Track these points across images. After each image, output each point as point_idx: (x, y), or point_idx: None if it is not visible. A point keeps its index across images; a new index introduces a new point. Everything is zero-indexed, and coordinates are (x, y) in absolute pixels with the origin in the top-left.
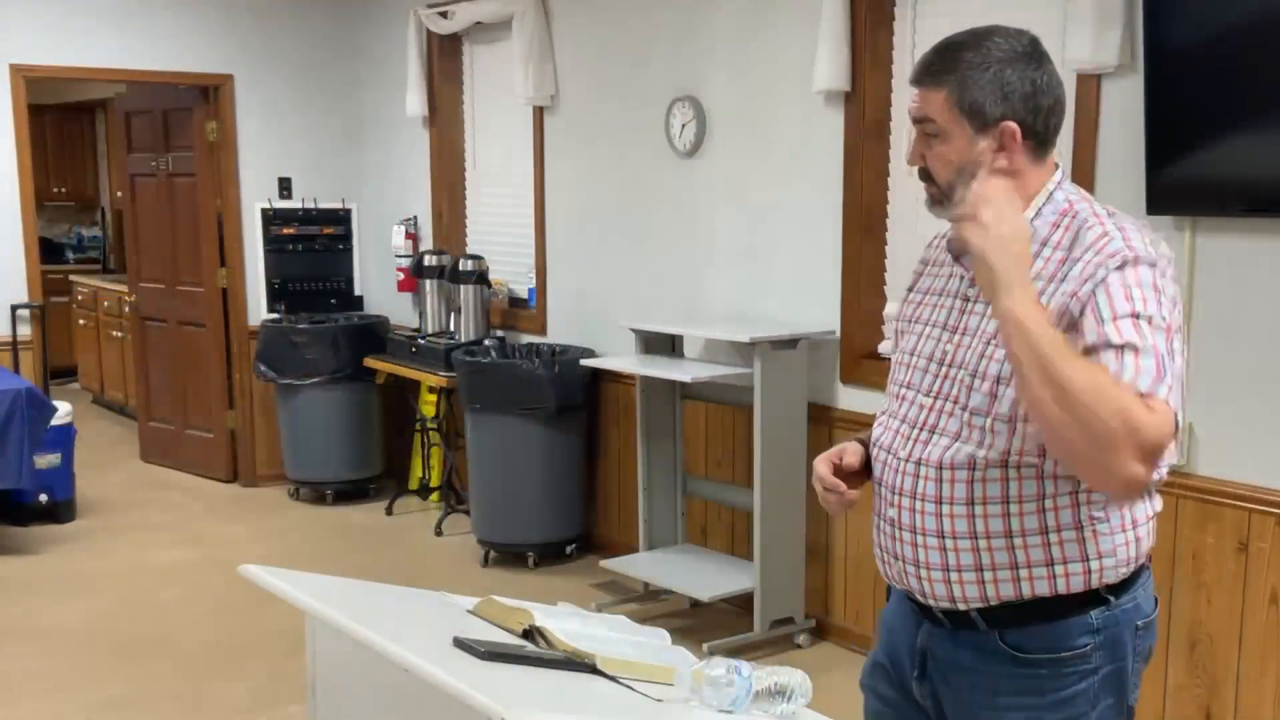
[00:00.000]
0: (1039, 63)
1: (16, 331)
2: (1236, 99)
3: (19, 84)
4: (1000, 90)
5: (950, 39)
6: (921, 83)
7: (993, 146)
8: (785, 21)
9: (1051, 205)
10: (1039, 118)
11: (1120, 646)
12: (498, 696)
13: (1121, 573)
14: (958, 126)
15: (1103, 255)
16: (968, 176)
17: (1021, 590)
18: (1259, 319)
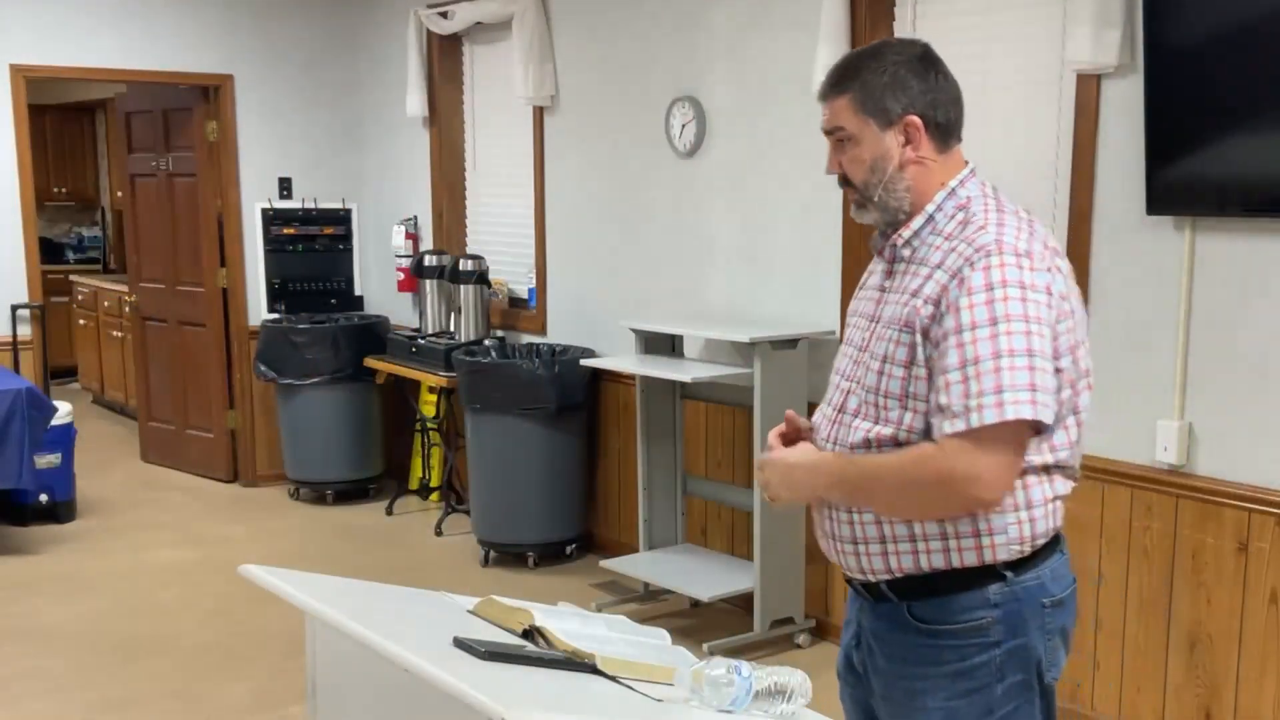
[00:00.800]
0: (933, 65)
1: (17, 331)
2: (1236, 99)
3: (19, 84)
4: (899, 88)
5: (849, 54)
6: (827, 96)
7: (900, 140)
8: (785, 21)
9: (953, 200)
10: (939, 110)
11: (1023, 623)
12: (498, 696)
13: (1015, 550)
14: (865, 127)
15: (973, 247)
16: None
17: (920, 563)
18: (1259, 319)
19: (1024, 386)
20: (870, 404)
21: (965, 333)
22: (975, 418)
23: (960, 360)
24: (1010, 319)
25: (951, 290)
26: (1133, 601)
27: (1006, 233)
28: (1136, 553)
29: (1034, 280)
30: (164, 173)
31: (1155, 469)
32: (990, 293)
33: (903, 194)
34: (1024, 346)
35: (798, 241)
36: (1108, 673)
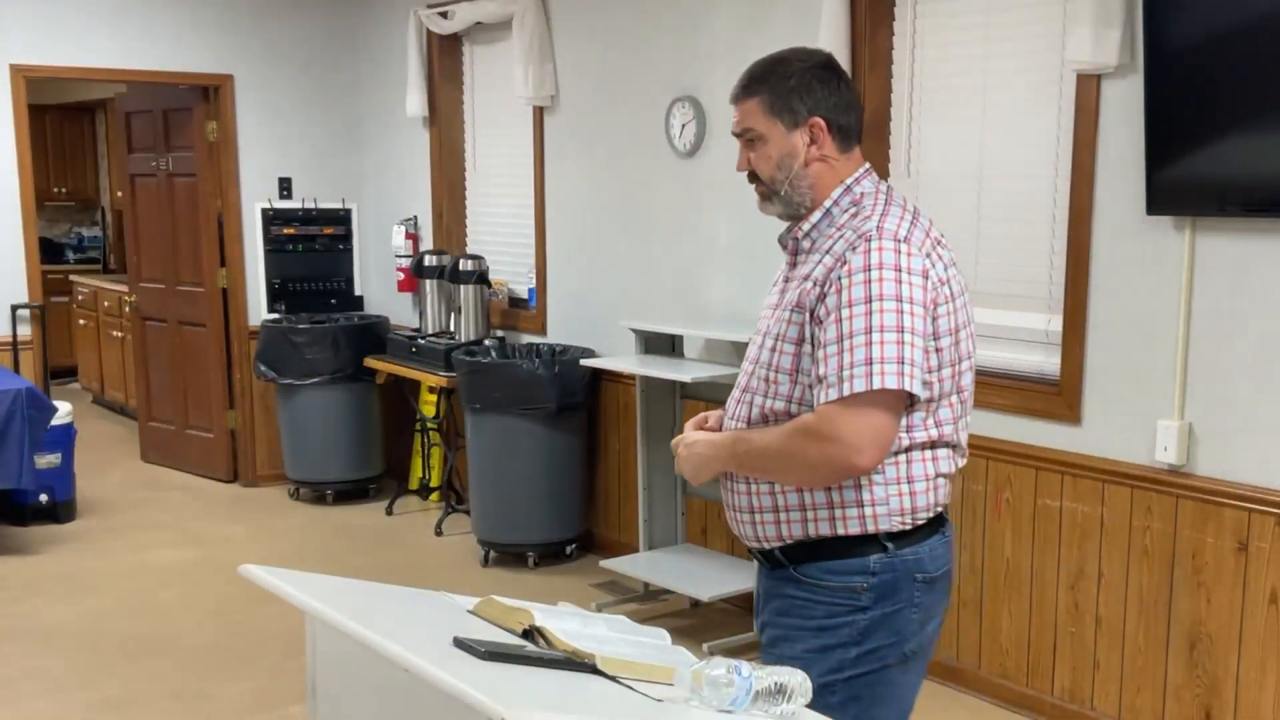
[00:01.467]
0: (835, 74)
1: (17, 331)
2: (1236, 99)
3: (19, 84)
4: (805, 92)
5: (759, 60)
6: (738, 99)
7: (805, 140)
8: (785, 22)
9: (848, 195)
10: (841, 114)
11: (896, 594)
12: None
13: (896, 522)
14: (773, 128)
15: (857, 234)
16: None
17: (808, 530)
18: (1259, 319)
19: (893, 359)
20: (763, 379)
21: (844, 309)
22: (846, 386)
23: (837, 335)
24: (884, 298)
25: (835, 271)
26: (1133, 601)
27: (888, 221)
28: (1136, 553)
29: (910, 264)
30: (164, 173)
31: (1155, 469)
32: (868, 274)
33: (805, 190)
34: (895, 323)
35: None
36: (1108, 673)
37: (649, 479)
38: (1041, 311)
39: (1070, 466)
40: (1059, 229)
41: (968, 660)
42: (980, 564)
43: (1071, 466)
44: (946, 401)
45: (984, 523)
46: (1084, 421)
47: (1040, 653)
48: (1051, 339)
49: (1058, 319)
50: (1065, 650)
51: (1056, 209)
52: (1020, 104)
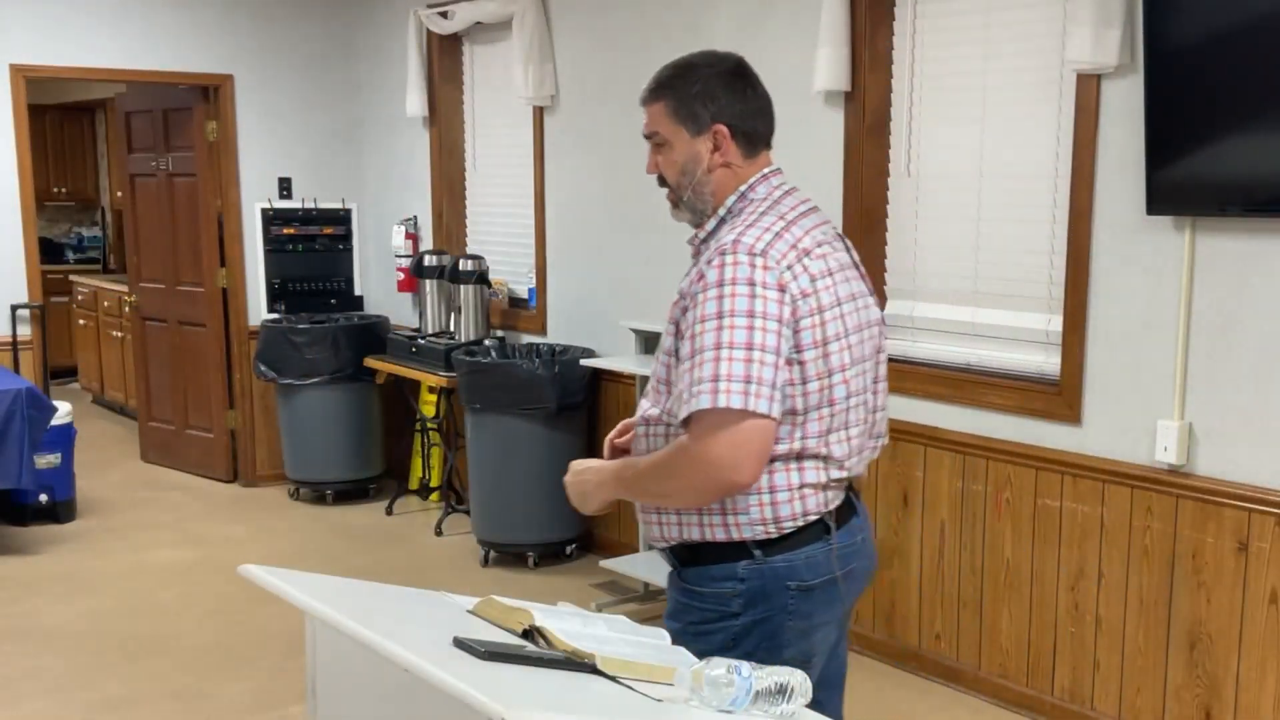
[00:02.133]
0: (743, 79)
1: (16, 331)
2: (1236, 99)
3: (19, 84)
4: (709, 98)
5: (668, 63)
6: (646, 101)
7: (709, 146)
8: (785, 22)
9: (741, 202)
10: (746, 120)
11: (768, 600)
12: (498, 696)
13: (760, 531)
14: (677, 133)
15: (713, 250)
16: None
17: (684, 534)
18: (1259, 319)
19: (740, 378)
20: (653, 389)
21: (697, 325)
22: (694, 403)
23: (691, 350)
24: (735, 313)
25: (694, 286)
26: (1133, 601)
27: (748, 234)
28: (1136, 553)
29: (764, 278)
30: (164, 173)
31: (1155, 469)
32: (720, 289)
33: (708, 197)
34: (744, 340)
35: None
36: (1108, 673)
37: None
38: (1041, 311)
39: (1070, 466)
40: (1059, 229)
41: (968, 660)
42: (980, 564)
43: (1071, 466)
44: (815, 414)
45: (984, 523)
46: (1084, 421)
47: (1040, 653)
48: (1051, 339)
49: (1058, 319)
50: (1065, 650)
51: (1056, 209)
52: (1020, 104)
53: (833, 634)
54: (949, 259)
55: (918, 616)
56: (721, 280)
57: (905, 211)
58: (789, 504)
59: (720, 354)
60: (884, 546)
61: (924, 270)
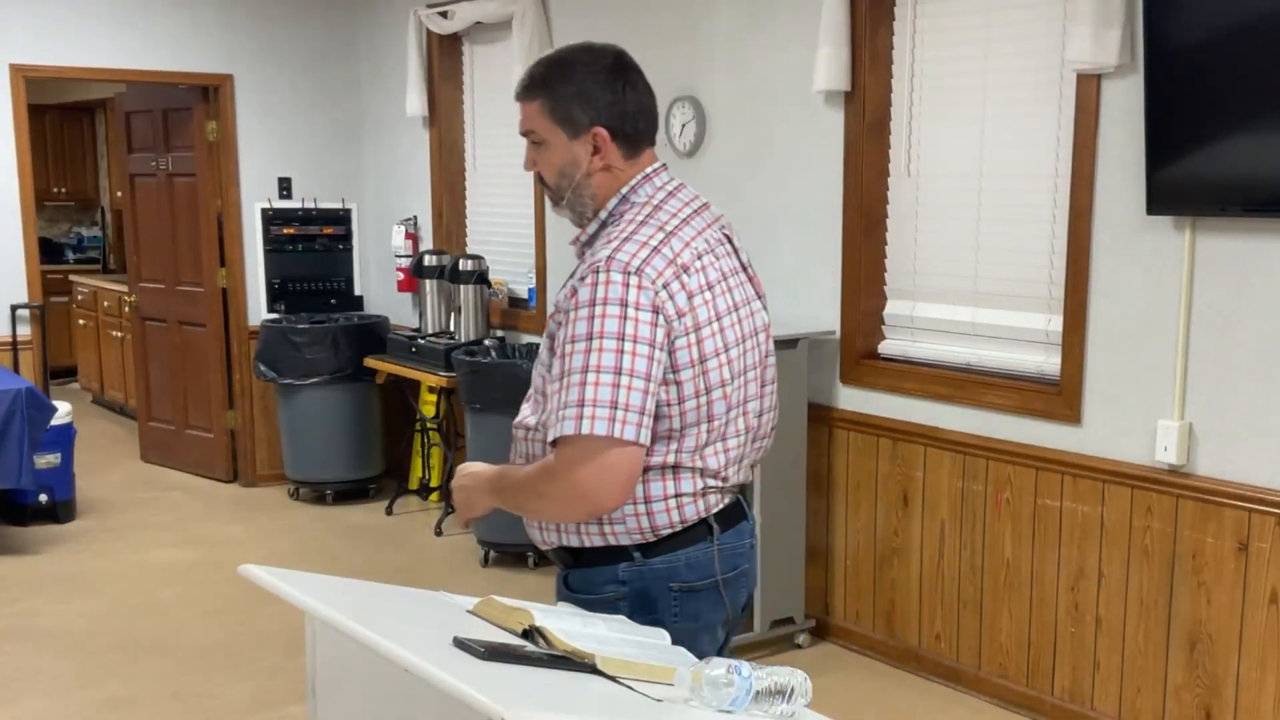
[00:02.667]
0: (622, 76)
1: (16, 331)
2: (1236, 99)
3: (19, 84)
4: (586, 100)
5: (543, 58)
6: (520, 98)
7: (588, 149)
8: (785, 22)
9: (623, 205)
10: (626, 121)
11: (651, 602)
12: (498, 696)
13: (637, 538)
14: (555, 134)
15: (587, 265)
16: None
17: (563, 540)
18: (1259, 319)
19: (606, 403)
20: (532, 398)
21: (568, 345)
22: (559, 428)
23: (561, 370)
24: (605, 336)
25: (567, 301)
26: (1133, 601)
27: (625, 248)
28: (1136, 553)
29: (638, 298)
30: (164, 173)
31: (1155, 469)
32: (592, 309)
33: (589, 200)
34: (613, 364)
35: (798, 241)
36: (1108, 673)
37: None
38: (1041, 311)
39: (1070, 466)
40: (1059, 229)
41: (968, 660)
42: (980, 564)
43: (1071, 466)
44: (693, 431)
45: (984, 523)
46: (1084, 421)
47: (1040, 653)
48: (1051, 339)
49: (1058, 319)
50: (1065, 650)
51: (1056, 209)
52: (1020, 104)
53: (720, 636)
54: (949, 259)
55: (918, 616)
56: (594, 299)
57: (905, 211)
58: (665, 514)
59: (588, 378)
60: (884, 546)
61: (924, 270)
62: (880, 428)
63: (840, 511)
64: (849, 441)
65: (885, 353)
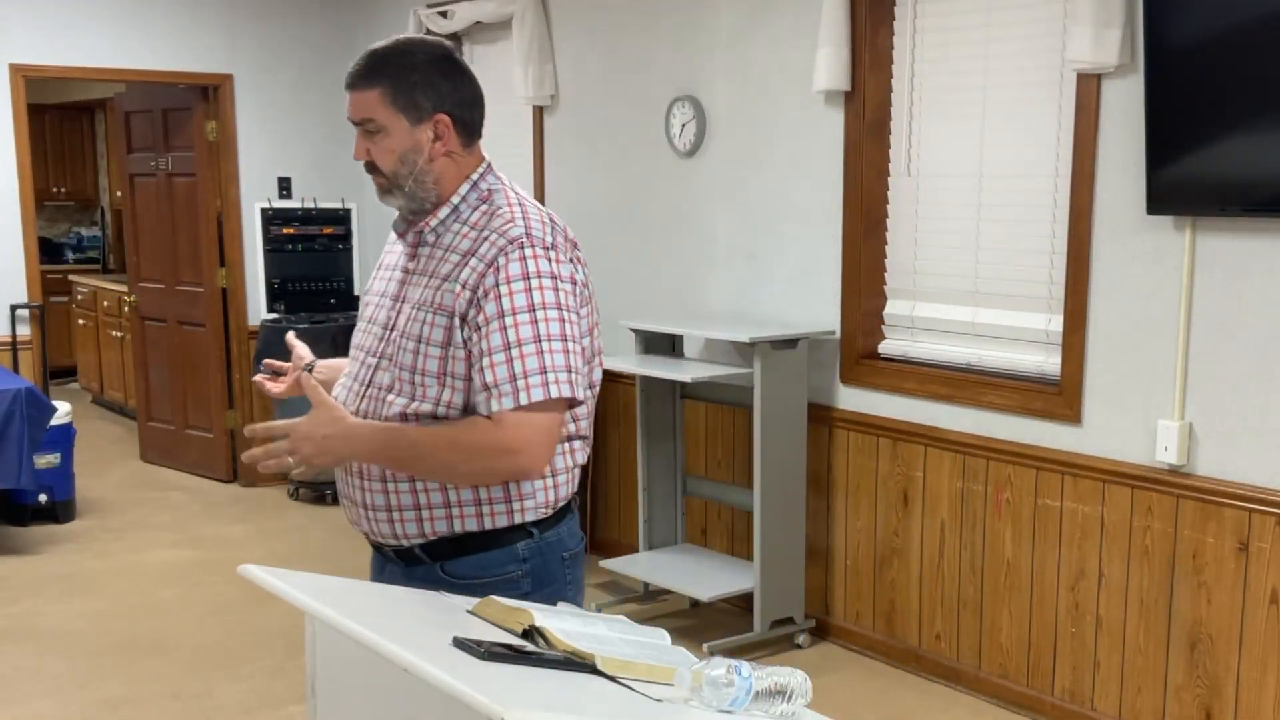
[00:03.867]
0: (457, 66)
1: (16, 331)
2: (1237, 99)
3: (19, 84)
4: (430, 87)
5: (376, 49)
6: (356, 86)
7: (429, 136)
8: (785, 22)
9: (475, 192)
10: (465, 109)
11: (549, 573)
12: (498, 696)
13: (541, 512)
14: (396, 121)
15: (505, 238)
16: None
17: (454, 527)
18: (1259, 319)
19: (563, 368)
20: (406, 381)
21: (507, 318)
22: (524, 395)
23: (504, 343)
24: (546, 307)
25: (489, 278)
26: (1133, 601)
27: (533, 227)
28: (1136, 553)
29: (561, 271)
30: (163, 172)
31: (1155, 469)
32: (527, 282)
33: (430, 186)
34: (559, 332)
35: (798, 241)
36: (1108, 673)
37: (649, 479)
38: (1041, 311)
39: (1070, 466)
40: (1059, 229)
41: (968, 660)
42: (980, 564)
43: (1072, 466)
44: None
45: (984, 523)
46: (1084, 421)
47: (1040, 653)
48: (1051, 339)
49: (1058, 319)
50: (1065, 650)
51: (1056, 209)
52: (1020, 104)
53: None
54: (949, 259)
55: (918, 616)
56: (527, 274)
57: (905, 211)
58: (566, 485)
59: (541, 346)
60: (884, 546)
61: (924, 270)
62: (880, 428)
63: (840, 511)
64: (849, 441)
65: (885, 353)
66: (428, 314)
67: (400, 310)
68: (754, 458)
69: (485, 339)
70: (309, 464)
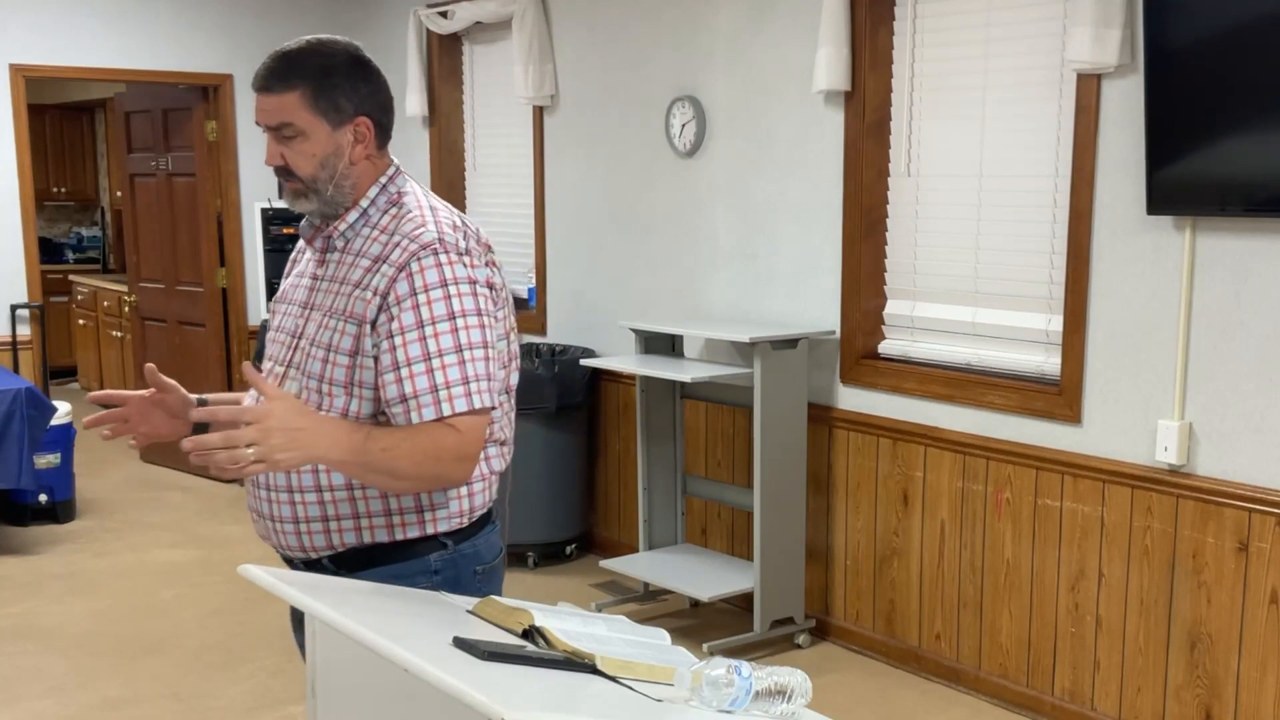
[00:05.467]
0: (372, 67)
1: (16, 331)
2: (1236, 99)
3: (19, 84)
4: (351, 89)
5: (289, 48)
6: (270, 89)
7: (350, 139)
8: (785, 22)
9: (384, 195)
10: (382, 112)
11: (461, 587)
12: (498, 696)
13: (455, 523)
14: (315, 125)
15: (418, 244)
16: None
17: (363, 538)
18: (1259, 319)
19: (484, 376)
20: (314, 390)
21: (427, 327)
22: (446, 406)
23: (424, 353)
24: (466, 314)
25: (402, 284)
26: (1133, 601)
27: (445, 231)
28: (1136, 553)
29: (477, 275)
30: (163, 172)
31: (1155, 469)
32: (445, 289)
33: (348, 190)
34: (480, 339)
35: (798, 241)
36: (1108, 673)
37: (649, 479)
38: (1041, 311)
39: (1070, 466)
40: (1059, 229)
41: (968, 660)
42: (980, 564)
43: (1072, 466)
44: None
45: (984, 523)
46: (1084, 421)
47: (1040, 653)
48: (1051, 339)
49: (1058, 319)
50: (1065, 650)
51: (1056, 209)
52: (1020, 104)
53: None
54: (949, 259)
55: (918, 616)
56: (444, 280)
57: (905, 211)
58: (482, 493)
59: (463, 355)
60: (884, 546)
61: (924, 270)
62: (880, 428)
63: (840, 511)
64: (849, 441)
65: (885, 353)
66: (338, 321)
67: (309, 318)
68: (754, 458)
69: (403, 349)
70: (270, 461)
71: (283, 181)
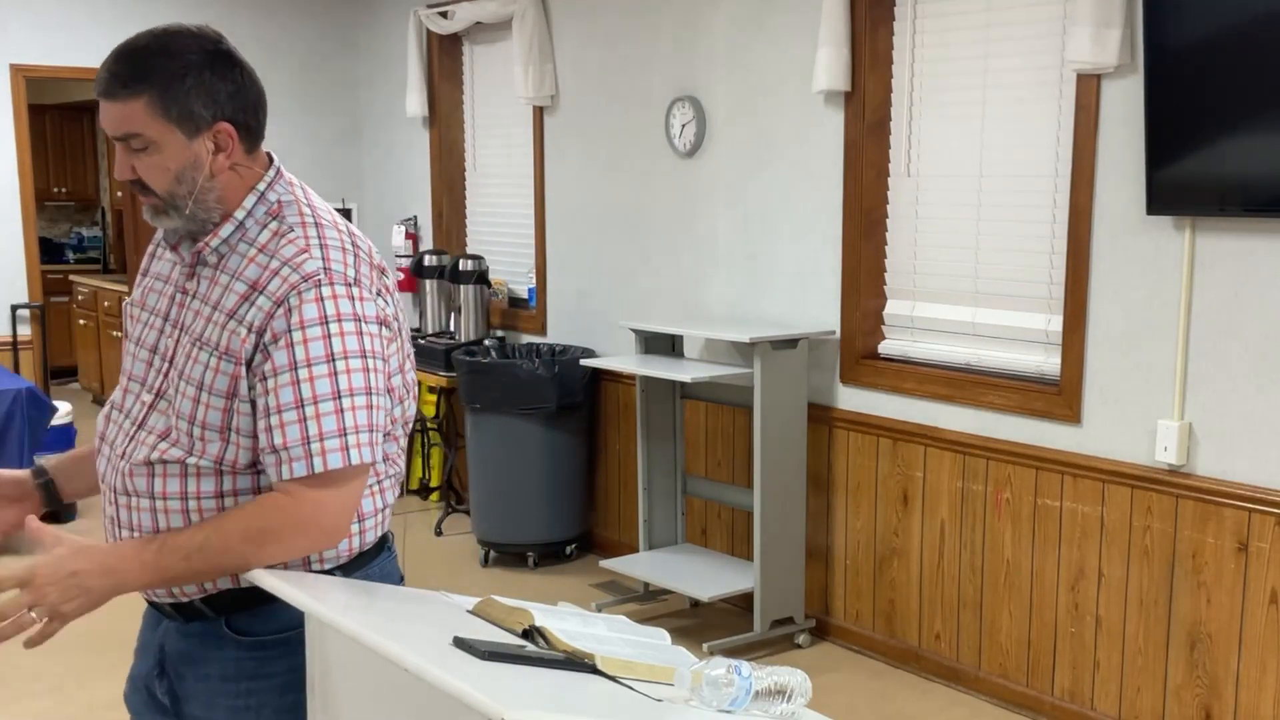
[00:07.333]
0: (234, 61)
1: (16, 331)
2: (1236, 99)
3: (19, 84)
4: (206, 93)
5: (132, 45)
6: (114, 95)
7: (209, 148)
8: (785, 22)
9: (263, 205)
10: (248, 114)
11: None
12: (498, 696)
13: (343, 558)
14: (169, 135)
15: (299, 274)
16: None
17: (239, 580)
18: (1259, 319)
19: (365, 428)
20: (184, 433)
21: (301, 369)
22: (319, 462)
23: (297, 399)
24: (349, 355)
25: (279, 320)
26: (1133, 601)
27: (333, 257)
28: (1136, 553)
29: (365, 311)
30: None
31: (1155, 469)
32: (326, 327)
33: (213, 204)
34: (363, 385)
35: (798, 241)
36: (1108, 673)
37: (649, 479)
38: (1041, 311)
39: (1070, 466)
40: (1059, 229)
41: (968, 660)
42: (980, 564)
43: (1071, 466)
44: (392, 435)
45: (984, 523)
46: (1084, 421)
47: (1040, 653)
48: (1051, 339)
49: (1058, 319)
50: (1065, 650)
51: (1056, 209)
52: (1020, 104)
53: None
54: (949, 259)
55: (918, 616)
56: (324, 316)
57: (905, 211)
58: (374, 529)
59: (341, 404)
60: (884, 546)
61: (924, 270)
62: (880, 428)
63: (840, 511)
64: (849, 441)
65: (885, 353)
66: (211, 356)
67: (177, 340)
68: (754, 458)
69: (274, 393)
70: (59, 615)
71: (141, 197)
